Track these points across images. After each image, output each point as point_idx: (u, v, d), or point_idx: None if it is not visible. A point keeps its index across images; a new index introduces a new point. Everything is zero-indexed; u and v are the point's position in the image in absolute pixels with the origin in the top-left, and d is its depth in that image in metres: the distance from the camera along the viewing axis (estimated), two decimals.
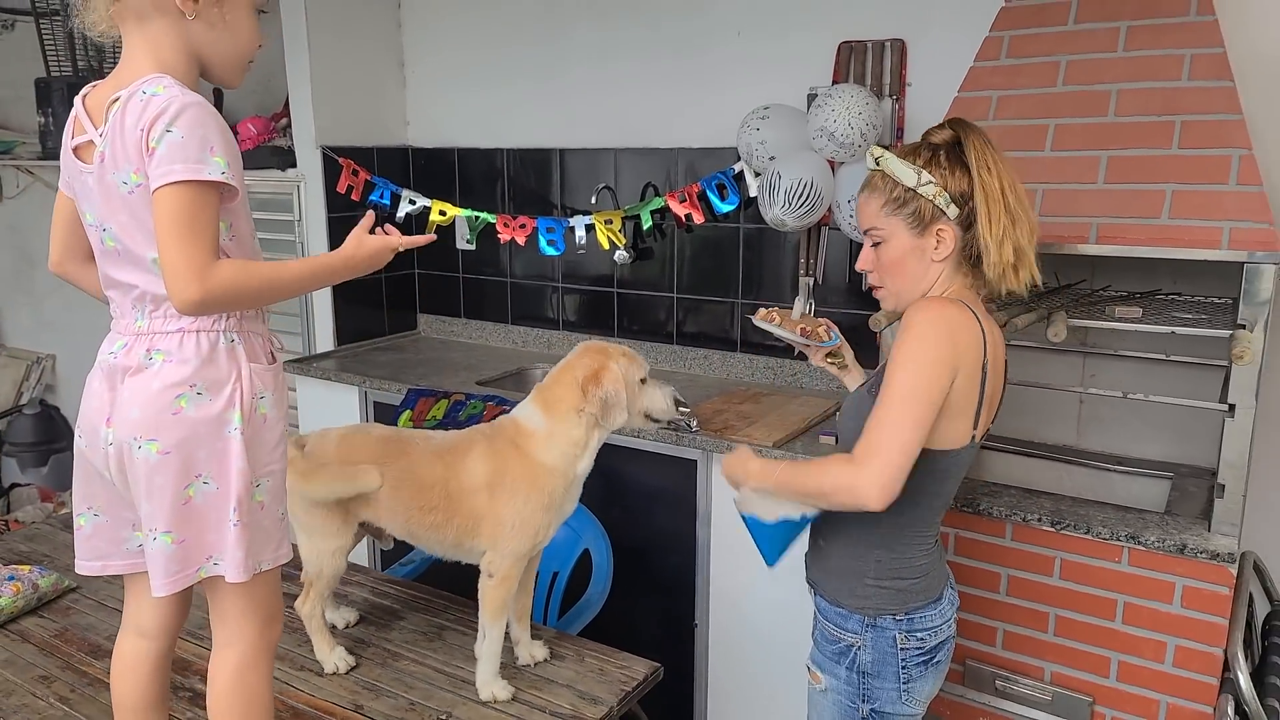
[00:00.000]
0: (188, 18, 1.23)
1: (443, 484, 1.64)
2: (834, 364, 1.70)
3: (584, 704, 1.60)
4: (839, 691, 1.48)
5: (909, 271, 1.41)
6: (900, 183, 1.37)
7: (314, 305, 3.32)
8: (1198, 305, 1.97)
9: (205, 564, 1.24)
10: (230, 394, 1.23)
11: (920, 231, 1.38)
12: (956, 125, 1.40)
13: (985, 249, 1.34)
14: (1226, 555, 1.65)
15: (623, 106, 2.94)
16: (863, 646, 1.45)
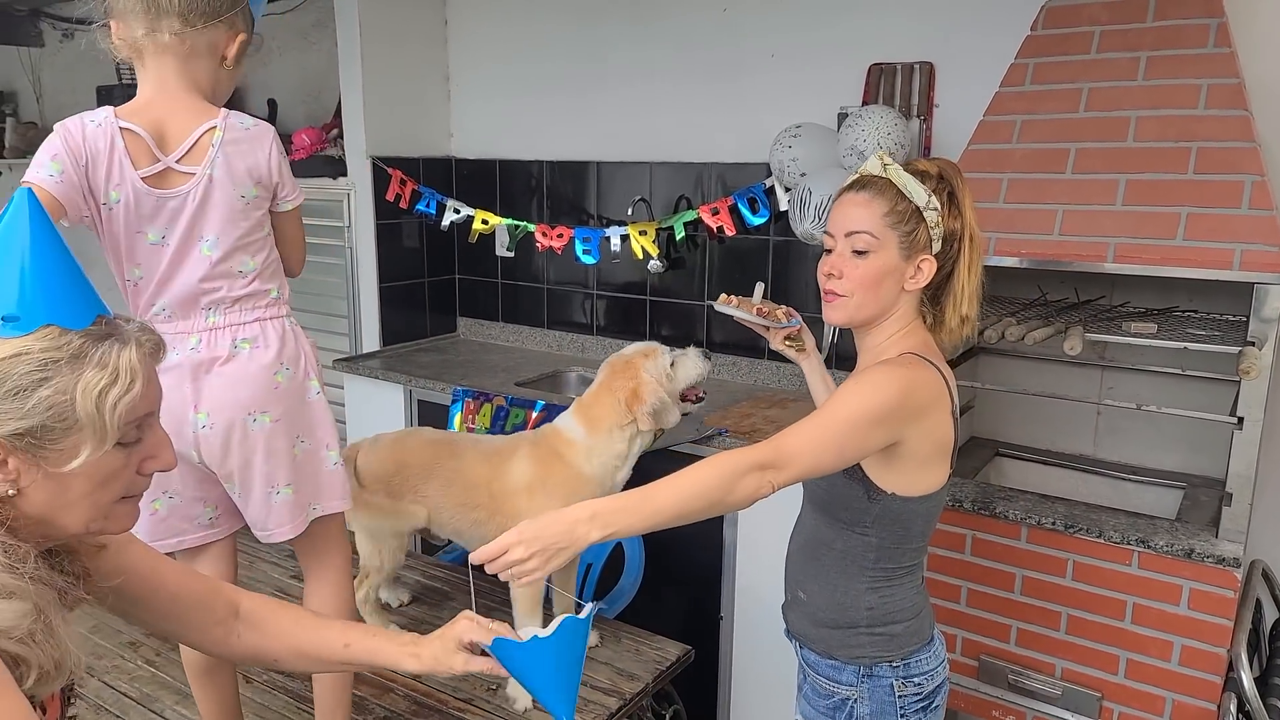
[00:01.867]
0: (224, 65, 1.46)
1: (487, 484, 1.77)
2: (792, 347, 1.64)
3: (622, 680, 1.71)
4: None
5: (882, 291, 1.32)
6: (911, 200, 1.30)
7: (361, 307, 3.47)
8: (1211, 322, 2.06)
9: (309, 510, 1.51)
10: (305, 366, 1.49)
11: (907, 255, 1.31)
12: (943, 163, 1.37)
13: (955, 294, 1.33)
14: (1232, 560, 1.74)
15: (658, 122, 3.07)
16: (859, 699, 1.39)
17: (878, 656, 1.37)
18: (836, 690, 1.41)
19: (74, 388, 0.86)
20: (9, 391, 0.84)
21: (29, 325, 0.85)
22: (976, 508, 2.01)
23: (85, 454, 0.87)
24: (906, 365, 1.29)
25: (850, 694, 1.39)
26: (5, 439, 0.84)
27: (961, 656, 2.09)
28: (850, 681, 1.39)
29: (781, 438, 1.22)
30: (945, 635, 2.11)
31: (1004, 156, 2.07)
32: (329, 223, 3.48)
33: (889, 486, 1.30)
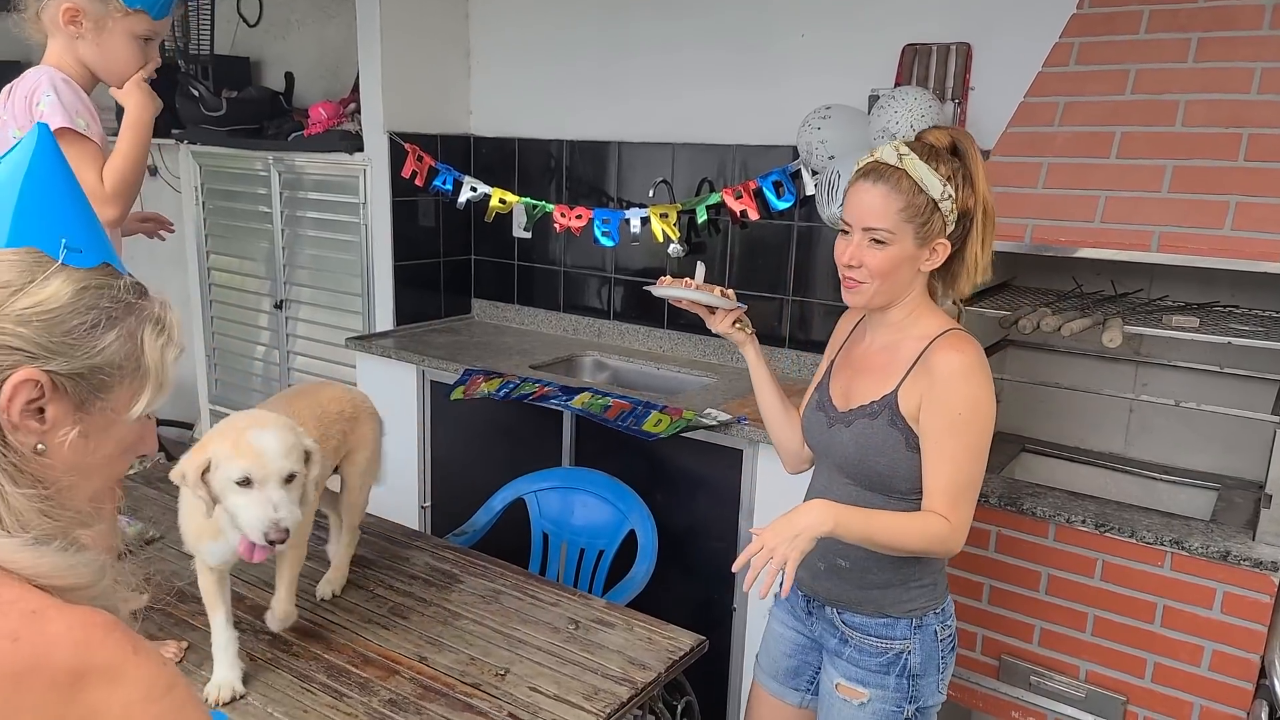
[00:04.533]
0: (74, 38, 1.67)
1: None
2: (743, 329, 1.67)
3: (633, 669, 1.67)
4: (885, 700, 1.49)
5: (899, 277, 1.40)
6: (926, 193, 1.34)
7: (375, 286, 3.43)
8: (1255, 318, 1.99)
9: None
10: None
11: (922, 243, 1.38)
12: (957, 134, 1.40)
13: (969, 266, 1.41)
14: (1270, 564, 1.68)
15: (682, 102, 3.00)
16: (912, 650, 1.48)
17: (926, 606, 1.49)
18: (890, 646, 1.49)
19: (141, 334, 0.81)
20: (83, 326, 0.76)
21: (92, 259, 0.79)
22: (1003, 503, 1.94)
23: (142, 404, 0.81)
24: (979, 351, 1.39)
25: (904, 646, 1.48)
26: (61, 378, 0.76)
27: (982, 655, 2.03)
28: (904, 635, 1.48)
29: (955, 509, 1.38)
30: (965, 634, 2.06)
31: (1045, 140, 2.00)
32: (345, 199, 3.44)
33: None
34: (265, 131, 3.63)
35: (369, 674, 1.60)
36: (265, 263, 3.76)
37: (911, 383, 1.41)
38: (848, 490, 1.50)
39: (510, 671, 1.65)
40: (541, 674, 1.65)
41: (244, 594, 1.89)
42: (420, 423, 3.12)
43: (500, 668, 1.66)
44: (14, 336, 0.74)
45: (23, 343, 0.74)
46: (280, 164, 3.57)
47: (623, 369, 3.17)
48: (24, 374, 0.74)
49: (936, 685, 1.51)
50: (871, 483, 1.47)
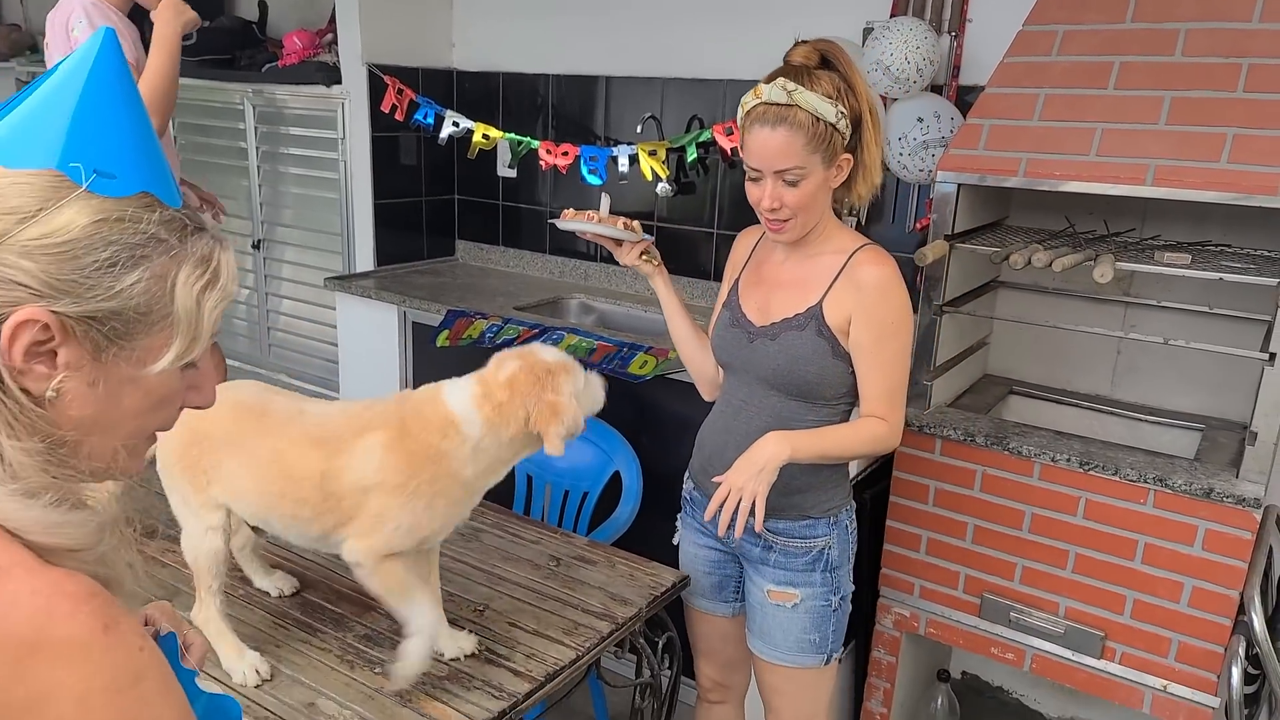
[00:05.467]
0: None
1: (317, 479, 1.33)
2: (650, 261, 1.71)
3: (614, 604, 1.66)
4: (814, 597, 1.59)
5: (818, 204, 1.45)
6: (822, 119, 1.37)
7: (354, 226, 3.36)
8: (1246, 256, 1.96)
9: None
10: None
11: (828, 163, 1.41)
12: (826, 45, 1.42)
13: (866, 169, 1.44)
14: (1253, 500, 1.67)
15: (672, 35, 2.91)
16: (831, 545, 1.59)
17: (841, 504, 1.60)
18: (813, 545, 1.58)
19: (175, 275, 0.70)
20: (103, 263, 0.66)
21: (126, 188, 0.68)
22: (989, 442, 1.93)
23: (170, 356, 0.71)
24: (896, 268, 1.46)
25: (824, 543, 1.59)
26: (76, 320, 0.66)
27: (964, 594, 2.04)
28: (824, 532, 1.58)
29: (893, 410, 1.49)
30: (947, 573, 2.07)
31: (1042, 70, 1.94)
32: (322, 133, 3.34)
33: None
34: (238, 62, 3.51)
35: (344, 610, 1.59)
36: (242, 201, 3.67)
37: (836, 295, 1.48)
38: (772, 401, 1.54)
39: (489, 608, 1.64)
40: (521, 610, 1.64)
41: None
42: (402, 365, 3.08)
43: (479, 604, 1.65)
44: (16, 270, 0.64)
45: (26, 278, 0.65)
46: (257, 97, 3.46)
47: (609, 311, 3.13)
48: (26, 313, 0.64)
49: (848, 575, 1.63)
50: (799, 391, 1.52)
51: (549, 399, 1.36)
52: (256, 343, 3.75)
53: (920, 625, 2.12)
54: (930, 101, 2.26)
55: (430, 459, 1.32)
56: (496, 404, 1.35)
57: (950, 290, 2.04)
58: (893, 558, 2.13)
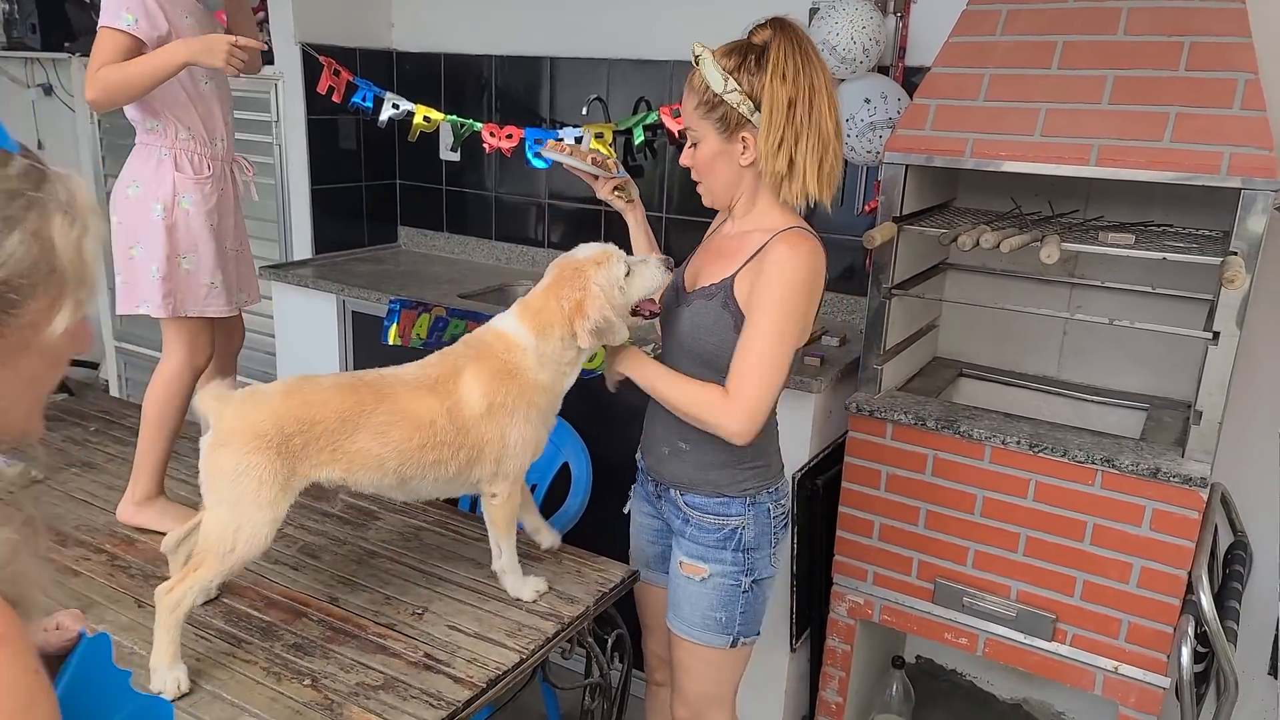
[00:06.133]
0: None
1: (446, 416, 1.46)
2: (621, 197, 1.71)
3: (561, 603, 1.60)
4: (723, 575, 1.58)
5: (720, 174, 1.46)
6: (710, 86, 1.38)
7: (291, 212, 3.23)
8: (1188, 236, 1.96)
9: (140, 304, 1.86)
10: (154, 190, 1.84)
11: (727, 137, 1.41)
12: (775, 25, 1.39)
13: (760, 155, 1.40)
14: (1199, 480, 1.68)
15: (618, 14, 2.84)
16: (746, 525, 1.57)
17: (759, 486, 1.57)
18: (726, 523, 1.57)
19: (49, 230, 0.65)
20: None
21: None
22: (940, 426, 1.91)
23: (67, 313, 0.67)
24: (809, 241, 1.42)
25: (739, 523, 1.57)
26: None
27: (917, 580, 2.03)
28: (739, 512, 1.57)
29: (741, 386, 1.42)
30: (900, 559, 2.05)
31: (986, 50, 1.92)
32: (254, 116, 3.20)
33: None
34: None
35: (272, 617, 1.51)
36: None
37: (747, 271, 1.46)
38: (684, 365, 1.55)
39: (428, 610, 1.58)
40: (462, 612, 1.57)
41: (134, 536, 1.77)
42: (342, 355, 2.98)
43: (418, 606, 1.59)
44: None
45: None
46: None
47: None
48: None
49: (769, 559, 1.61)
50: (702, 360, 1.51)
51: (576, 296, 1.48)
52: None
53: (874, 612, 2.11)
54: (877, 82, 2.23)
55: (509, 374, 1.49)
56: (535, 312, 1.51)
57: (899, 273, 2.02)
58: (846, 544, 2.11)
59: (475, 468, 1.51)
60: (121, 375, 4.07)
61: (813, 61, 1.37)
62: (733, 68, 1.37)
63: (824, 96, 1.37)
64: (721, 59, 1.38)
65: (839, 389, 2.21)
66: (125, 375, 4.05)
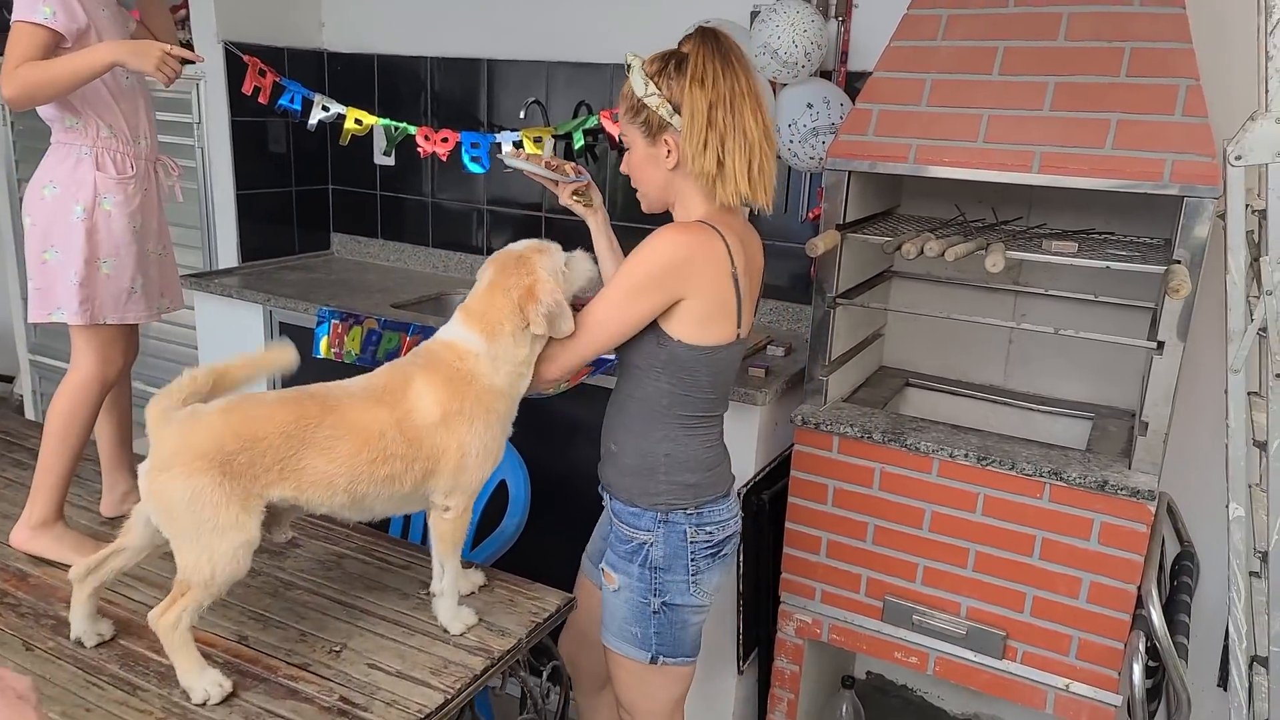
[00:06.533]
0: None
1: (394, 428, 1.39)
2: (580, 202, 1.67)
3: (491, 635, 1.51)
4: (631, 589, 1.54)
5: (651, 177, 1.47)
6: (634, 90, 1.42)
7: (215, 218, 3.08)
8: (1130, 244, 1.94)
9: (54, 311, 1.74)
10: (74, 191, 1.74)
11: (651, 140, 1.43)
12: (700, 33, 1.41)
13: (685, 157, 1.40)
14: (1146, 493, 1.65)
15: (558, 16, 2.76)
16: (654, 543, 1.51)
17: (674, 504, 1.50)
18: (635, 535, 1.53)
19: None
20: None
21: None
22: (886, 439, 1.86)
23: None
24: (684, 230, 1.40)
25: (647, 538, 1.52)
26: None
27: (866, 597, 1.97)
28: (648, 527, 1.51)
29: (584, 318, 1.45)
30: (849, 576, 1.99)
31: (928, 55, 1.88)
32: (175, 117, 3.05)
33: (675, 334, 1.43)
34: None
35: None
36: None
37: None
38: (620, 369, 1.57)
39: (347, 647, 1.46)
40: (383, 648, 1.46)
41: (28, 570, 1.62)
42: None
43: (335, 643, 1.47)
44: None
45: None
46: None
47: None
48: None
49: (687, 587, 1.53)
50: (622, 359, 1.55)
51: (525, 282, 1.44)
52: None
53: (823, 631, 2.05)
54: (819, 87, 2.18)
55: (464, 381, 1.43)
56: (480, 315, 1.45)
57: (843, 281, 1.97)
58: (793, 562, 2.05)
59: (432, 480, 1.44)
60: (37, 390, 3.85)
61: (734, 68, 1.38)
62: (654, 73, 1.40)
63: (746, 101, 1.38)
64: (647, 66, 1.41)
65: (785, 400, 2.15)
66: (40, 390, 3.83)
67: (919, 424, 1.93)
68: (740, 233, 1.46)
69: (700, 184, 1.41)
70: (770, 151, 1.42)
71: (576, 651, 1.80)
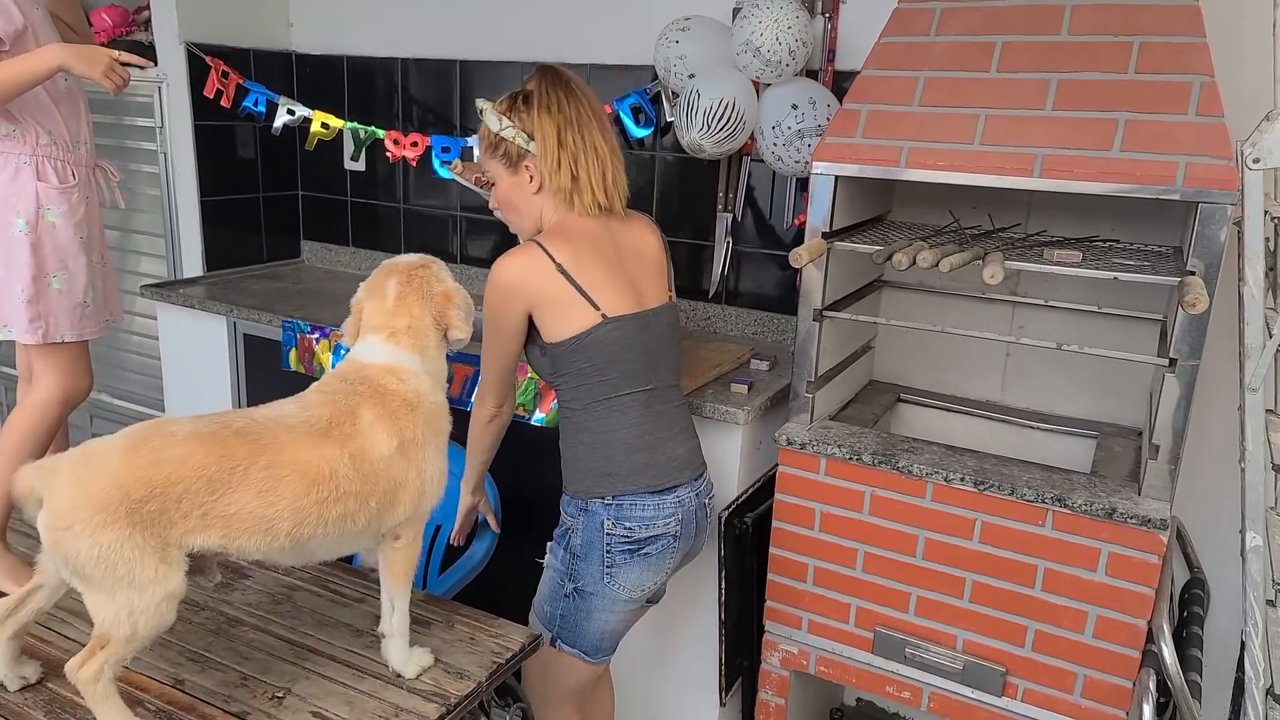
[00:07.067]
0: None
1: (347, 465, 1.29)
2: None
3: (448, 678, 1.38)
4: (554, 569, 1.64)
5: (518, 205, 1.61)
6: (489, 129, 1.57)
7: (179, 226, 2.95)
8: (1137, 252, 1.83)
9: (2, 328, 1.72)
10: (15, 203, 1.68)
11: (513, 170, 1.58)
12: (540, 71, 1.58)
13: (544, 177, 1.56)
14: (1158, 521, 1.53)
15: (532, 15, 2.64)
16: (575, 529, 1.60)
17: (591, 491, 1.58)
18: (564, 520, 1.63)
19: None
20: None
21: None
22: (877, 460, 1.74)
23: None
24: (504, 259, 1.53)
25: (571, 524, 1.61)
26: None
27: (855, 628, 1.85)
28: (572, 513, 1.61)
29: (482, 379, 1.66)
30: (837, 605, 1.87)
31: (920, 51, 1.77)
32: (137, 121, 2.92)
33: (546, 339, 1.57)
34: None
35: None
36: None
37: None
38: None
39: (291, 692, 1.34)
40: (331, 694, 1.34)
41: None
42: (234, 383, 2.71)
43: (279, 688, 1.35)
44: None
45: None
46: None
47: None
48: None
49: (600, 576, 1.58)
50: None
51: (438, 290, 1.44)
52: None
53: (810, 663, 1.92)
54: (805, 87, 2.07)
55: (411, 406, 1.38)
56: (406, 329, 1.41)
57: (830, 293, 1.85)
58: (778, 589, 1.93)
59: (389, 514, 1.35)
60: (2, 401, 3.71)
61: (576, 95, 1.55)
62: (506, 109, 1.56)
63: (592, 121, 1.55)
64: (499, 106, 1.58)
65: (770, 416, 2.03)
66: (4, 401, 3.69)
67: (912, 445, 1.81)
68: (598, 230, 1.58)
69: (559, 199, 1.56)
70: (620, 165, 1.59)
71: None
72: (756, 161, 2.33)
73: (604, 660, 1.69)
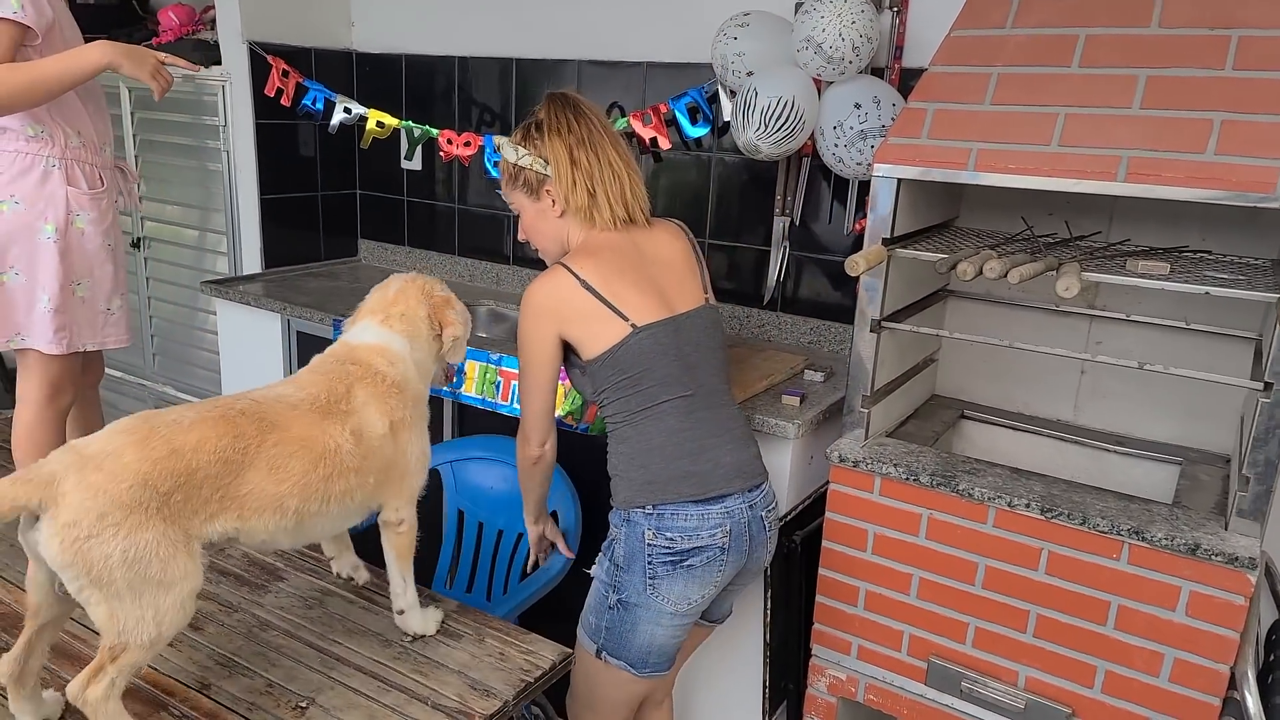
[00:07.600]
0: None
1: (349, 441, 1.32)
2: None
3: (474, 696, 1.33)
4: (600, 580, 1.63)
5: (544, 231, 1.64)
6: (508, 161, 1.61)
7: (240, 223, 2.99)
8: (1230, 265, 1.69)
9: (13, 337, 1.69)
10: (43, 208, 1.66)
11: (535, 198, 1.61)
12: (548, 99, 1.60)
13: (562, 197, 1.58)
14: (1246, 560, 1.39)
15: (588, 12, 2.59)
16: (618, 540, 1.59)
17: (632, 501, 1.56)
18: (611, 531, 1.62)
19: None
20: None
21: None
22: (936, 482, 1.64)
23: None
24: (533, 285, 1.56)
25: (615, 535, 1.60)
26: None
27: (908, 657, 1.75)
28: (616, 524, 1.60)
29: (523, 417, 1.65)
30: (889, 631, 1.77)
31: (994, 45, 1.65)
32: (201, 119, 2.97)
33: (582, 358, 1.58)
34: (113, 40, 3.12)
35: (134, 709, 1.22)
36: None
37: None
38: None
39: (314, 703, 1.31)
40: (355, 706, 1.31)
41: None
42: None
43: (303, 697, 1.32)
44: None
45: None
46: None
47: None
48: None
49: (643, 588, 1.56)
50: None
51: (439, 294, 1.51)
52: (139, 351, 3.35)
53: (859, 691, 1.83)
54: (869, 85, 1.97)
55: (398, 387, 1.42)
56: (400, 315, 1.47)
57: (890, 303, 1.75)
58: (827, 612, 1.84)
59: (381, 491, 1.42)
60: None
61: (584, 115, 1.58)
62: (520, 139, 1.60)
63: (604, 137, 1.58)
64: (513, 137, 1.62)
65: (823, 430, 1.94)
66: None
67: (974, 466, 1.70)
68: (621, 243, 1.58)
69: (580, 218, 1.58)
70: (637, 177, 1.61)
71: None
72: (816, 162, 2.24)
73: (653, 675, 1.63)
